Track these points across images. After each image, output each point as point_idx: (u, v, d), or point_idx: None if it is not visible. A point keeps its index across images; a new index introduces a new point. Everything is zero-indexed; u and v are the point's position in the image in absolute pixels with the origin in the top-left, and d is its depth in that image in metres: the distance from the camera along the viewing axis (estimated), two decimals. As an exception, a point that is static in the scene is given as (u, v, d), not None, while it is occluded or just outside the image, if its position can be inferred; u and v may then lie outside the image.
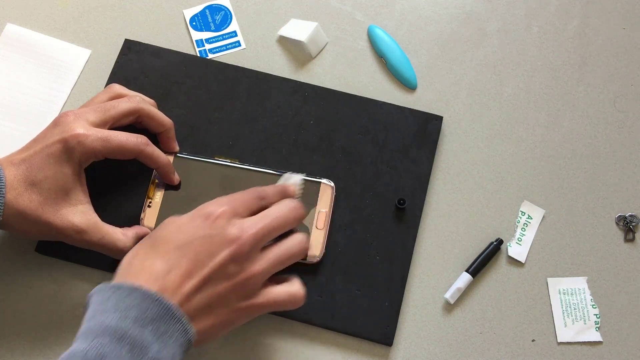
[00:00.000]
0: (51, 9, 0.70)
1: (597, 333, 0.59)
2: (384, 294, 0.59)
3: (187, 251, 0.49)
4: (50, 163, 0.53)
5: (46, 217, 0.53)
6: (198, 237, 0.49)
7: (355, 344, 0.59)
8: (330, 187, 0.61)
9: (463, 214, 0.63)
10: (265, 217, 0.52)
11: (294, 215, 0.54)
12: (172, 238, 0.49)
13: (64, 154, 0.53)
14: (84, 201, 0.55)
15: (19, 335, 0.59)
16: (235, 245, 0.49)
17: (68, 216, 0.54)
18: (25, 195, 0.52)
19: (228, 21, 0.70)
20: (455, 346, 0.59)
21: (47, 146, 0.54)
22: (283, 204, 0.54)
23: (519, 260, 0.61)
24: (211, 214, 0.50)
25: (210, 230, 0.49)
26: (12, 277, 0.60)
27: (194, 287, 0.48)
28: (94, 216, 0.55)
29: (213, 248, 0.49)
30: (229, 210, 0.51)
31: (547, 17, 0.70)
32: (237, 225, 0.50)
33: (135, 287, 0.46)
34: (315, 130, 0.64)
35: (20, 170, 0.53)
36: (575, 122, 0.66)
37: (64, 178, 0.54)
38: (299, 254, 0.54)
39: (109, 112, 0.57)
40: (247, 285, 0.50)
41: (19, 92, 0.66)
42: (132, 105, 0.58)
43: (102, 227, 0.55)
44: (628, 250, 0.62)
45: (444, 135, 0.65)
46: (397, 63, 0.67)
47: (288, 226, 0.53)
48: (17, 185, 0.52)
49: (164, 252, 0.49)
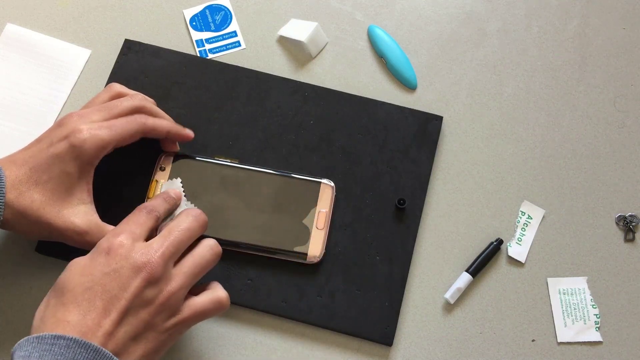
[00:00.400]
0: (51, 9, 0.70)
1: (597, 333, 0.59)
2: (384, 294, 0.59)
3: (97, 290, 0.47)
4: (55, 163, 0.53)
5: (47, 217, 0.53)
6: (104, 275, 0.47)
7: (355, 344, 0.59)
8: (331, 187, 0.61)
9: (463, 214, 0.63)
10: (169, 234, 0.50)
11: (198, 223, 0.52)
12: (79, 282, 0.47)
13: (69, 153, 0.53)
14: (86, 201, 0.55)
15: (19, 336, 0.58)
16: (145, 271, 0.47)
17: (70, 217, 0.53)
18: (26, 195, 0.52)
19: (228, 21, 0.70)
20: (455, 346, 0.59)
21: (51, 145, 0.53)
22: (183, 216, 0.52)
23: (519, 260, 0.61)
24: (110, 248, 0.48)
25: (115, 264, 0.48)
26: (12, 277, 0.60)
27: (114, 322, 0.46)
28: (95, 217, 0.55)
29: (123, 280, 0.47)
30: (127, 238, 0.49)
31: (547, 17, 0.70)
32: (142, 251, 0.48)
33: (57, 336, 0.44)
34: (315, 130, 0.64)
35: (23, 170, 0.53)
36: (575, 122, 0.66)
37: (68, 178, 0.53)
38: (214, 260, 0.52)
39: (112, 111, 0.56)
40: (170, 305, 0.48)
41: (19, 92, 0.66)
42: (134, 103, 0.58)
43: (103, 229, 0.55)
44: (628, 250, 0.62)
45: (444, 135, 0.65)
46: (397, 63, 0.67)
47: (194, 236, 0.52)
48: (18, 185, 0.52)
49: (73, 298, 0.46)
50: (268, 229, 0.59)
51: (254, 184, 0.61)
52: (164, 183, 0.60)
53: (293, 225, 0.59)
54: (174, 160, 0.61)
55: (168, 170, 0.61)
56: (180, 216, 0.53)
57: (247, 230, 0.59)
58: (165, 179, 0.61)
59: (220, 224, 0.59)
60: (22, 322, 0.59)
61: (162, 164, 0.61)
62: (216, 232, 0.58)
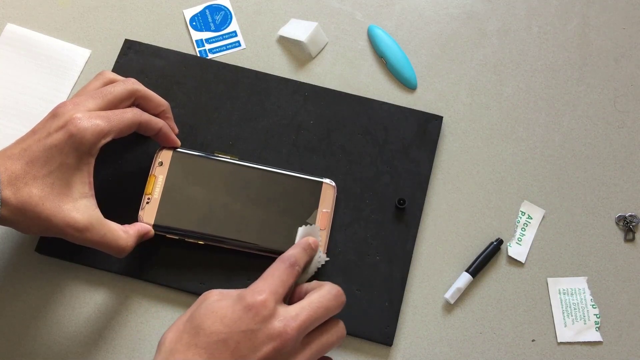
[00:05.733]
0: (51, 9, 0.70)
1: (597, 333, 0.59)
2: (384, 294, 0.59)
3: (231, 345, 0.47)
4: (54, 155, 0.51)
5: (47, 213, 0.51)
6: (240, 332, 0.48)
7: (355, 344, 0.59)
8: (332, 187, 0.61)
9: (463, 214, 0.63)
10: (309, 307, 0.50)
11: (337, 302, 0.52)
12: (216, 330, 0.48)
13: (67, 143, 0.51)
14: (88, 194, 0.53)
15: (18, 336, 0.59)
16: (279, 341, 0.48)
17: (70, 212, 0.52)
18: (24, 191, 0.50)
19: (228, 21, 0.70)
20: (455, 346, 0.59)
21: (48, 136, 0.51)
22: (325, 290, 0.52)
23: (519, 260, 0.61)
24: (253, 305, 0.48)
25: (254, 325, 0.48)
26: (12, 277, 0.60)
27: None
28: (97, 212, 0.53)
29: (257, 343, 0.48)
30: (270, 297, 0.49)
31: (547, 17, 0.70)
32: (280, 318, 0.48)
33: None
34: (315, 130, 0.64)
35: (19, 164, 0.51)
36: (575, 122, 0.66)
37: (68, 170, 0.52)
38: (337, 344, 0.53)
39: (107, 97, 0.55)
40: None
41: (19, 92, 0.66)
42: (128, 87, 0.56)
43: (104, 225, 0.53)
44: (628, 250, 0.62)
45: (444, 135, 0.65)
46: (397, 63, 0.67)
47: (330, 315, 0.51)
48: (15, 181, 0.50)
49: (207, 344, 0.47)
50: (271, 229, 0.59)
51: (256, 182, 0.60)
52: (300, 228, 0.57)
53: (296, 225, 0.59)
54: (173, 155, 0.60)
55: (167, 165, 0.60)
56: (323, 290, 0.52)
57: (249, 230, 0.59)
58: (164, 174, 0.60)
59: (221, 222, 0.59)
60: (22, 321, 0.59)
61: (160, 159, 0.60)
62: (216, 230, 0.58)
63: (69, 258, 0.60)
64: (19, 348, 0.58)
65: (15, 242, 0.61)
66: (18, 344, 0.58)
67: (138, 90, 0.57)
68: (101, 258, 0.59)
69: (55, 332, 0.59)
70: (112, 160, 0.58)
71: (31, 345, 0.58)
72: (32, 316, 0.59)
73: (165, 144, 0.60)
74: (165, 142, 0.60)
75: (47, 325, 0.59)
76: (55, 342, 0.58)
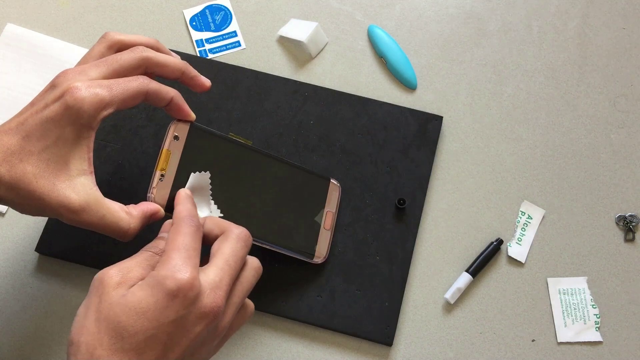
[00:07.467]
0: (51, 9, 0.70)
1: (597, 333, 0.59)
2: (384, 294, 0.59)
3: (162, 338, 0.43)
4: (50, 128, 0.47)
5: (39, 192, 0.46)
6: (170, 322, 0.43)
7: (355, 344, 0.59)
8: (338, 187, 0.61)
9: (463, 214, 0.63)
10: (227, 266, 0.46)
11: (247, 246, 0.49)
12: (140, 328, 0.42)
13: (65, 115, 0.46)
14: (86, 171, 0.48)
15: (18, 336, 0.59)
16: (211, 316, 0.45)
17: (65, 191, 0.47)
18: (19, 168, 0.46)
19: (228, 21, 0.70)
20: (455, 346, 0.59)
21: (44, 108, 0.47)
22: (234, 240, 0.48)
23: (519, 260, 0.61)
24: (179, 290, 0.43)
25: (182, 310, 0.43)
26: (12, 277, 0.60)
27: None
28: (94, 190, 0.48)
29: (188, 326, 0.44)
30: (193, 275, 0.44)
31: (547, 17, 0.70)
32: (207, 292, 0.44)
33: None
34: (315, 130, 0.64)
35: (15, 139, 0.46)
36: (575, 122, 0.66)
37: (65, 145, 0.47)
38: (256, 281, 0.50)
39: (112, 66, 0.49)
40: (220, 334, 0.47)
41: (19, 92, 0.66)
42: (136, 54, 0.50)
43: (103, 204, 0.48)
44: (628, 250, 0.62)
45: (444, 135, 0.65)
46: (397, 63, 0.67)
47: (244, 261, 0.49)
48: (10, 157, 0.46)
49: (135, 345, 0.42)
50: (279, 223, 0.57)
51: (269, 170, 0.57)
52: (193, 175, 0.53)
53: (304, 222, 0.58)
54: (190, 130, 0.53)
55: (183, 139, 0.53)
56: (231, 240, 0.48)
57: (257, 221, 0.56)
58: (179, 150, 0.53)
59: (231, 210, 0.55)
60: (22, 322, 0.59)
61: (175, 132, 0.53)
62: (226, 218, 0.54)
63: (69, 258, 0.60)
64: (19, 348, 0.58)
65: (15, 242, 0.61)
66: (18, 343, 0.58)
67: (149, 58, 0.51)
68: (101, 257, 0.59)
69: (55, 332, 0.59)
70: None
71: (31, 345, 0.58)
72: (32, 316, 0.59)
73: (177, 116, 0.53)
74: (178, 114, 0.53)
75: (47, 325, 0.59)
76: (56, 342, 0.58)
